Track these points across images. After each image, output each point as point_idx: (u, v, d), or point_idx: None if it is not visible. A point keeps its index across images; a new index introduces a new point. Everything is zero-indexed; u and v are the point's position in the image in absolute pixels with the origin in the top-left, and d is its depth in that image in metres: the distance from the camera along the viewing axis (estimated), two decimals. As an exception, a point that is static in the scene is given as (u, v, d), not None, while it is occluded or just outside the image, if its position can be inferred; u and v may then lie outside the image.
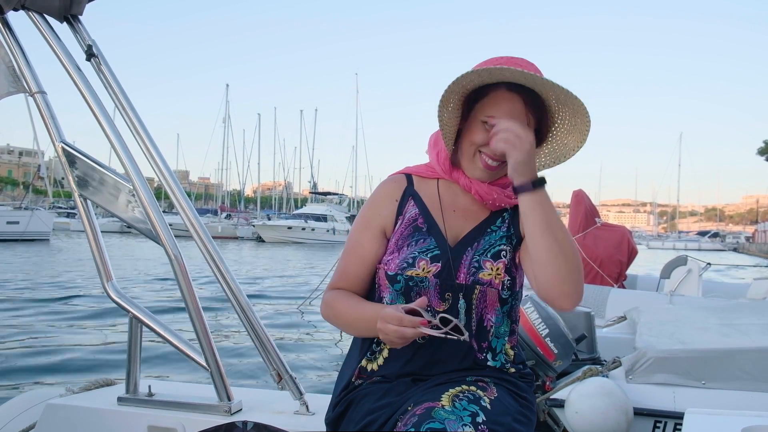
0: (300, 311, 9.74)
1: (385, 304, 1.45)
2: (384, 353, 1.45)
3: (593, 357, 3.51)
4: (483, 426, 1.19)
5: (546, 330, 3.08)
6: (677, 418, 2.90)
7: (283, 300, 11.10)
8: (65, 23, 1.85)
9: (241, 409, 1.91)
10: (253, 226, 45.76)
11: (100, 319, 8.39)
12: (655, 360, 3.07)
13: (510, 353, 1.47)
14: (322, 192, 58.21)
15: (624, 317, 4.41)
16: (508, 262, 1.44)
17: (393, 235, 1.48)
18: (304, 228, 42.70)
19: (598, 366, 3.18)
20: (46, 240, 29.31)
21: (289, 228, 42.61)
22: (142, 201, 1.81)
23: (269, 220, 48.62)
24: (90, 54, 1.82)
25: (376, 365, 1.45)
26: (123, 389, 1.99)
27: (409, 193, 1.52)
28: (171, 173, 1.84)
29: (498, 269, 1.42)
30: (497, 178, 1.47)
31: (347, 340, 7.77)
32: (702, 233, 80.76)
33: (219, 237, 41.04)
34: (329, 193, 56.83)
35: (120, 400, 1.97)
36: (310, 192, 61.80)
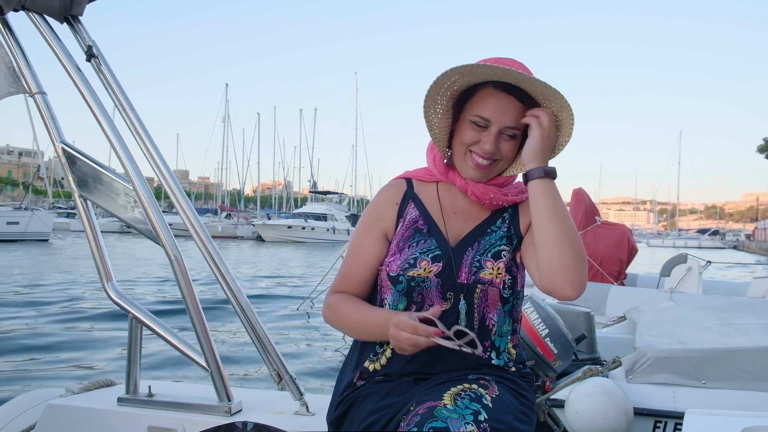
0: (299, 311, 9.73)
1: (388, 305, 1.47)
2: (387, 353, 1.46)
3: (593, 357, 3.50)
4: (485, 424, 1.19)
5: (546, 330, 3.07)
6: (677, 418, 2.90)
7: (284, 300, 11.10)
8: (65, 24, 1.85)
9: (241, 410, 1.91)
10: (253, 225, 45.74)
11: (99, 320, 8.39)
12: (655, 360, 3.07)
13: (512, 352, 1.48)
14: (321, 191, 58.16)
15: (624, 317, 4.41)
16: (508, 261, 1.46)
17: (394, 238, 1.50)
18: (304, 227, 42.69)
19: (598, 366, 3.18)
20: (46, 240, 29.29)
21: (289, 227, 42.60)
22: (141, 201, 1.81)
23: (269, 219, 48.62)
24: (90, 54, 1.82)
25: (378, 365, 1.46)
26: (123, 390, 1.99)
27: (409, 196, 1.54)
28: (171, 173, 1.84)
29: (499, 268, 1.44)
30: (491, 177, 1.49)
31: (347, 340, 7.77)
32: (702, 231, 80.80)
33: (219, 236, 41.04)
34: (329, 193, 56.78)
35: (120, 400, 1.97)
36: (309, 191, 61.78)
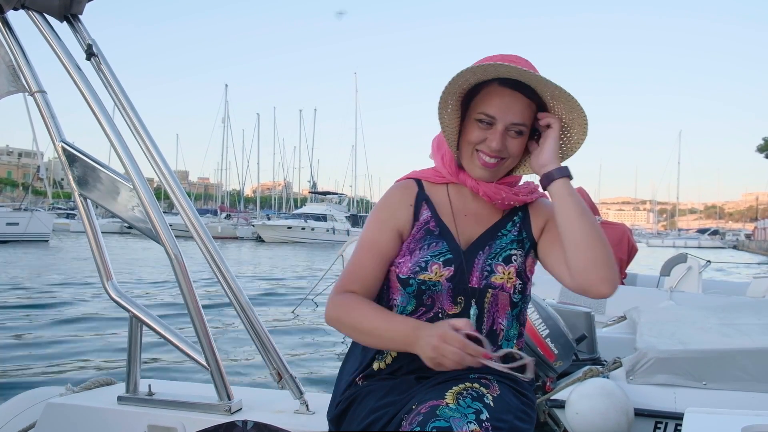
0: (299, 312, 9.73)
1: (396, 306, 1.44)
2: (393, 352, 1.44)
3: (594, 357, 3.50)
4: (487, 423, 1.19)
5: (546, 330, 3.07)
6: (678, 418, 2.90)
7: (283, 300, 11.10)
8: (65, 22, 1.85)
9: (241, 409, 1.91)
10: (253, 226, 45.75)
11: (100, 319, 8.39)
12: (656, 360, 3.07)
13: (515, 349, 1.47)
14: (321, 192, 58.17)
15: (624, 317, 4.41)
16: (519, 266, 1.45)
17: (407, 239, 1.47)
18: (303, 228, 42.71)
19: (598, 366, 3.17)
20: (45, 241, 29.29)
21: (289, 228, 42.62)
22: (142, 200, 1.81)
23: (269, 220, 48.63)
24: (90, 53, 1.82)
25: (384, 364, 1.45)
26: (123, 388, 1.99)
27: (422, 198, 1.51)
28: (171, 173, 1.84)
29: (509, 273, 1.43)
30: (500, 176, 1.47)
31: (347, 339, 7.75)
32: (702, 231, 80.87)
33: (219, 237, 41.01)
34: (329, 193, 56.79)
35: (120, 399, 1.97)
36: (309, 192, 61.79)
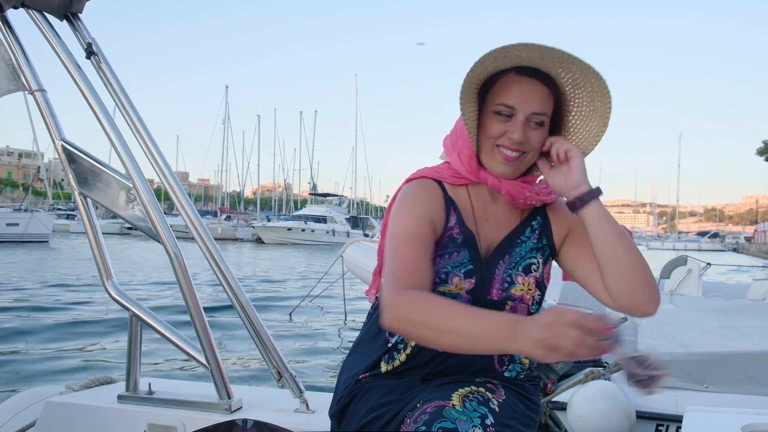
0: (299, 312, 9.74)
1: None
2: (401, 357, 1.39)
3: (595, 359, 3.50)
4: (491, 428, 1.17)
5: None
6: (679, 421, 2.90)
7: (283, 301, 11.10)
8: (65, 21, 1.85)
9: (241, 407, 1.91)
10: (253, 227, 45.77)
11: (100, 318, 8.40)
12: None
13: (525, 362, 1.43)
14: (321, 193, 58.24)
15: (625, 318, 4.40)
16: (539, 276, 1.39)
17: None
18: (303, 229, 42.72)
19: (600, 369, 3.18)
20: (45, 242, 29.29)
21: (289, 229, 42.63)
22: (141, 199, 1.81)
23: (269, 221, 48.66)
24: (90, 52, 1.82)
25: (391, 366, 1.40)
26: (123, 387, 1.99)
27: (449, 201, 1.39)
28: (171, 172, 1.84)
29: (529, 284, 1.37)
30: (521, 172, 1.37)
31: (347, 338, 7.77)
32: (701, 233, 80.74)
33: (219, 238, 40.91)
34: (329, 195, 56.83)
35: (120, 398, 1.97)
36: (309, 193, 61.84)
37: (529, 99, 1.29)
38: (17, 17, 1.82)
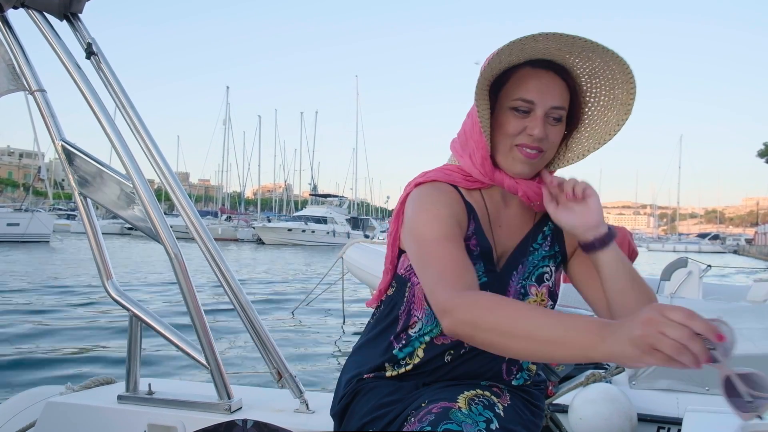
0: (299, 313, 9.74)
1: (420, 324, 1.34)
2: (408, 368, 1.36)
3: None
4: None
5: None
6: (680, 423, 2.90)
7: (283, 301, 11.10)
8: (65, 21, 1.85)
9: (241, 408, 1.90)
10: (254, 228, 45.78)
11: (100, 318, 8.40)
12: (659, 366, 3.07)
13: (532, 369, 1.42)
14: (322, 194, 58.28)
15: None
16: (551, 285, 1.36)
17: None
18: (304, 230, 42.74)
19: (601, 371, 3.17)
20: (46, 242, 29.30)
21: (289, 230, 42.64)
22: (142, 199, 1.81)
23: (269, 222, 48.69)
24: (90, 52, 1.82)
25: (396, 373, 1.38)
26: (123, 387, 1.98)
27: (469, 207, 1.33)
28: (171, 172, 1.84)
29: (542, 294, 1.34)
30: (538, 171, 1.32)
31: (347, 339, 7.76)
32: (702, 235, 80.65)
33: (219, 239, 41.01)
34: (329, 195, 56.86)
35: (120, 398, 1.96)
36: (310, 194, 61.91)
37: (548, 92, 1.25)
38: (17, 17, 1.82)
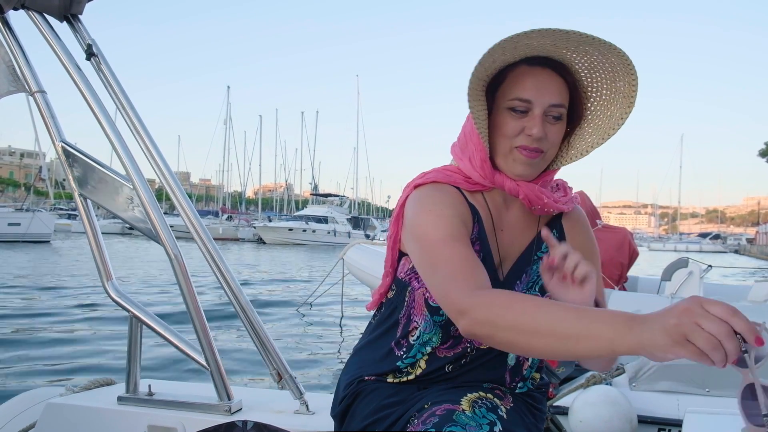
0: (299, 313, 9.75)
1: (419, 330, 1.32)
2: (410, 377, 1.34)
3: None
4: None
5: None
6: (680, 425, 2.90)
7: (283, 302, 11.10)
8: (65, 22, 1.85)
9: (241, 409, 1.90)
10: (254, 227, 45.80)
11: (100, 319, 8.40)
12: (659, 367, 3.07)
13: (536, 377, 1.41)
14: (323, 194, 58.32)
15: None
16: None
17: None
18: (305, 230, 42.73)
19: (601, 373, 3.17)
20: (47, 242, 29.32)
21: (290, 230, 42.64)
22: (142, 200, 1.81)
23: (270, 221, 48.68)
24: (90, 53, 1.82)
25: (398, 380, 1.36)
26: (123, 389, 1.98)
27: (474, 210, 1.30)
28: (171, 173, 1.84)
29: None
30: (539, 171, 1.29)
31: (347, 340, 7.77)
32: (703, 235, 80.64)
33: (220, 238, 41.05)
34: (330, 195, 56.91)
35: (120, 399, 1.96)
36: (311, 194, 61.95)
37: (546, 90, 1.22)
38: (17, 18, 1.82)
